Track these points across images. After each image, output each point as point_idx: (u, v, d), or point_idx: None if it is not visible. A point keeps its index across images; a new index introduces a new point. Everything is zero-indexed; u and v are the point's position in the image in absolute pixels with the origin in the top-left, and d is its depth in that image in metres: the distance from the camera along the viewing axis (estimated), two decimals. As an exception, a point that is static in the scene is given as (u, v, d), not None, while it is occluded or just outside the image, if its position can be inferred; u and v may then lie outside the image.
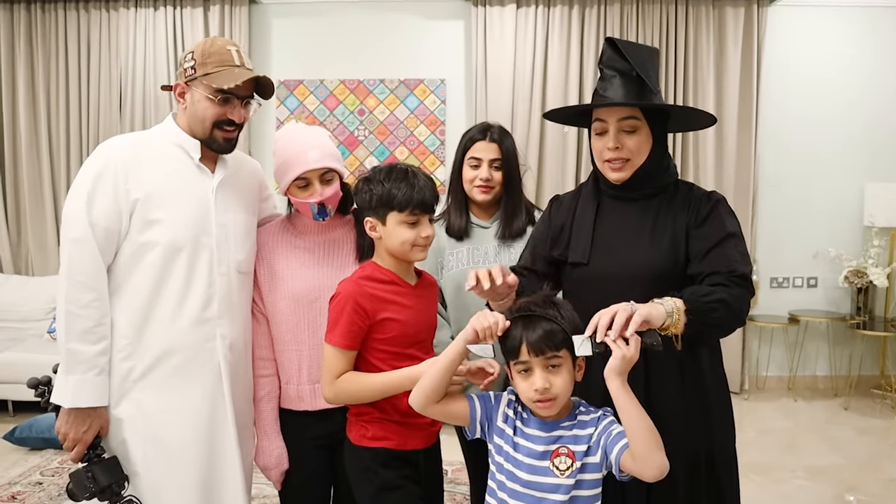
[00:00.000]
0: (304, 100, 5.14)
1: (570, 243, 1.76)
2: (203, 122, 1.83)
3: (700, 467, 1.66)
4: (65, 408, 1.71)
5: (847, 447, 4.07)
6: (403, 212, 1.70)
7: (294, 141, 1.91)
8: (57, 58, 5.12)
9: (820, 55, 5.12)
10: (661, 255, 1.66)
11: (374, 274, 1.76)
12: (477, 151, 2.19)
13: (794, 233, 5.19)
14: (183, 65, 1.86)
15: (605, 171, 1.72)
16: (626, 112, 1.66)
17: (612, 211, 1.75)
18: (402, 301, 1.75)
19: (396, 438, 1.75)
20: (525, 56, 4.99)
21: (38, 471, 3.69)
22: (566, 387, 1.49)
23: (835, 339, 5.18)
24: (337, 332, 1.70)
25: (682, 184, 1.78)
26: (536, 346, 1.45)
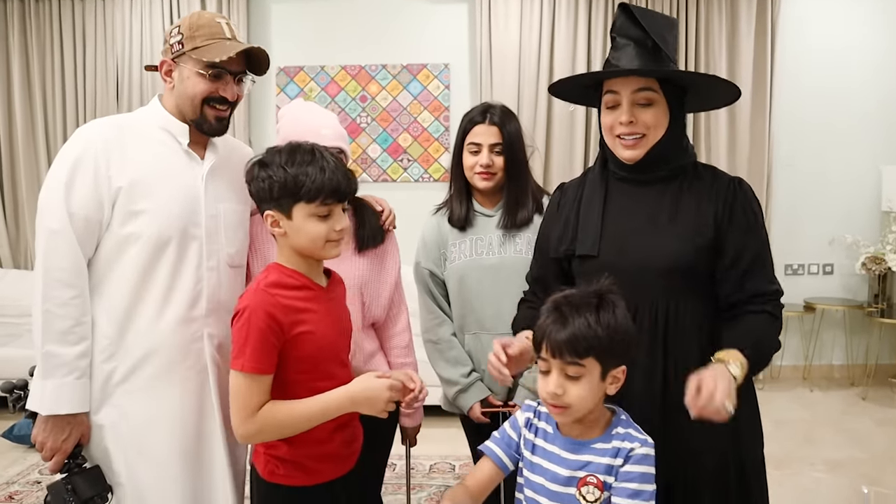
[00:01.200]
0: (304, 87, 5.03)
1: (578, 235, 1.62)
2: (192, 100, 1.70)
3: (729, 472, 1.52)
4: (42, 415, 1.59)
5: (866, 439, 3.97)
6: (313, 202, 1.45)
7: (307, 116, 1.84)
8: (52, 47, 5.03)
9: (836, 34, 4.98)
10: (682, 245, 1.51)
11: (281, 279, 1.51)
12: (476, 136, 2.05)
13: (810, 218, 5.06)
14: (169, 40, 1.73)
15: (616, 149, 1.57)
16: (641, 83, 1.51)
17: (622, 196, 1.60)
18: (316, 308, 1.52)
19: (307, 474, 1.56)
20: (531, 38, 4.86)
21: (36, 469, 3.62)
22: (585, 399, 1.31)
23: (851, 327, 5.05)
24: (248, 356, 1.42)
25: (702, 167, 1.63)
26: (557, 348, 1.30)
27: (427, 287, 2.16)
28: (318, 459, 1.57)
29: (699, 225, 1.53)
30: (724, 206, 1.54)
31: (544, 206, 2.05)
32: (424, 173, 5.08)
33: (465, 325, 2.10)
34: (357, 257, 1.90)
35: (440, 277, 2.14)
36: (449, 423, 1.70)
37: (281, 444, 1.54)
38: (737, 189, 1.57)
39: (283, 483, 1.57)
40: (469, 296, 2.07)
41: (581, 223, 1.62)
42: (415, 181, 5.07)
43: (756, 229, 1.56)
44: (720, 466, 1.52)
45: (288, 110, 1.89)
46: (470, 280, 2.06)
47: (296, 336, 1.48)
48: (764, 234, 1.57)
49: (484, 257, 2.06)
